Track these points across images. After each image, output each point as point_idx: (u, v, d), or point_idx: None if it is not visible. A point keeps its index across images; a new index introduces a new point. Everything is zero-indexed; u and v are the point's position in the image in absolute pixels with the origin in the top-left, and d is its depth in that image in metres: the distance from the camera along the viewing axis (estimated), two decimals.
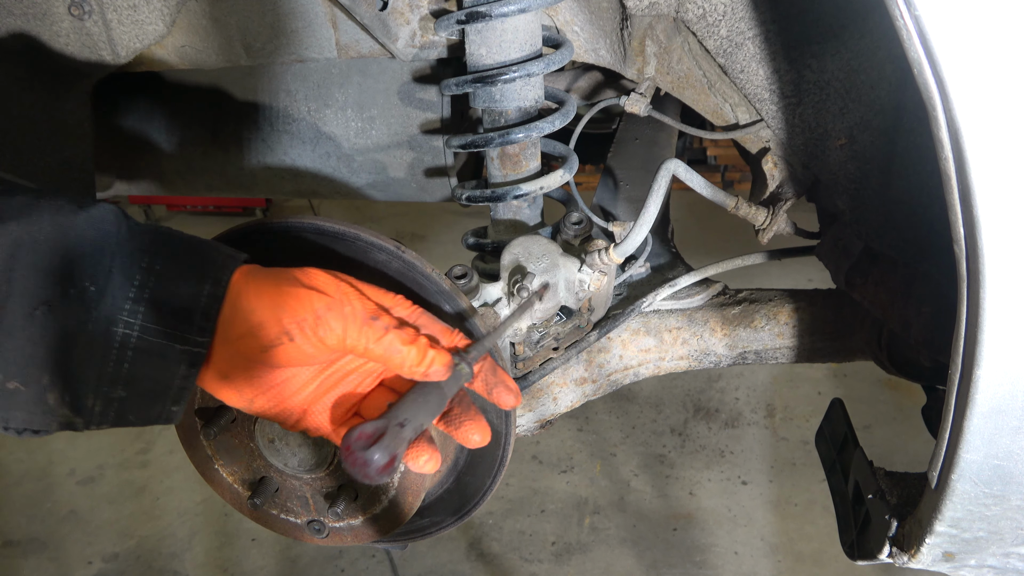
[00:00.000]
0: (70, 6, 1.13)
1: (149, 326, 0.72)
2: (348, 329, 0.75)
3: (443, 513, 1.12)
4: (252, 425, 0.98)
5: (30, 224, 0.69)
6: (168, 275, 0.73)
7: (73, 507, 3.38)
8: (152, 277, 0.73)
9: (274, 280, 0.76)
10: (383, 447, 0.69)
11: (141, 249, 0.74)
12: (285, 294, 0.75)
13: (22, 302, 0.68)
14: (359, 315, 0.76)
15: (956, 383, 0.80)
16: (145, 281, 0.73)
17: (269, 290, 0.75)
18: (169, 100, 1.65)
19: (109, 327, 0.71)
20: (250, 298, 0.75)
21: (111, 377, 0.72)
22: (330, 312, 0.75)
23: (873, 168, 1.07)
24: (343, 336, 0.75)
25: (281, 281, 0.76)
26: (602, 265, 1.09)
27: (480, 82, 1.12)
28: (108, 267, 0.71)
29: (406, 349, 0.77)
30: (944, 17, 0.63)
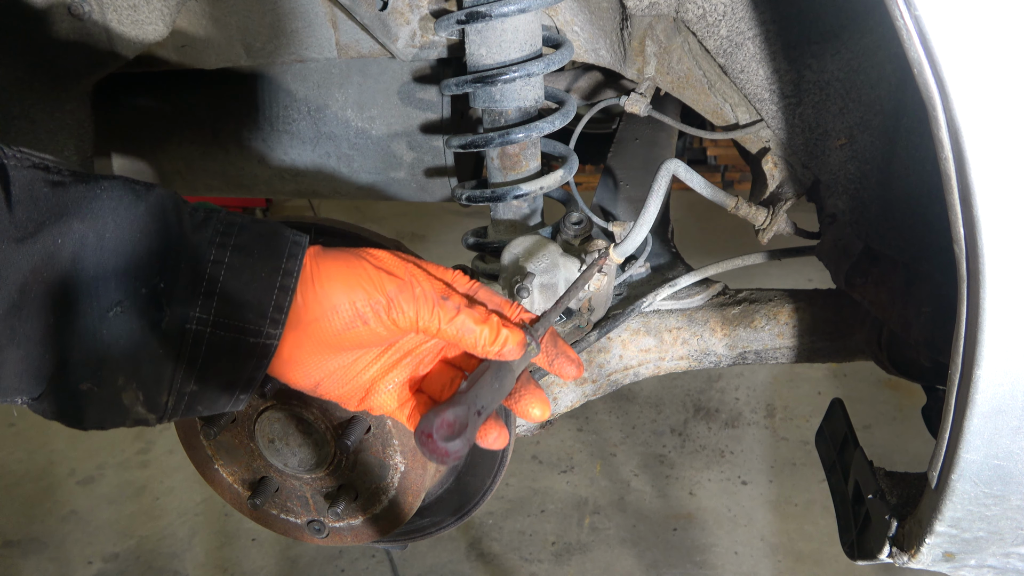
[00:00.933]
0: (70, 6, 1.13)
1: (221, 320, 0.71)
2: (420, 311, 0.74)
3: (443, 513, 1.12)
4: (252, 425, 0.98)
5: (93, 220, 0.67)
6: (237, 267, 0.72)
7: (73, 507, 3.38)
8: (221, 270, 0.71)
9: (343, 262, 0.75)
10: (465, 437, 0.69)
11: (207, 240, 0.72)
12: (357, 276, 0.74)
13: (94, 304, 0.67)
14: (429, 296, 0.75)
15: (956, 383, 0.80)
16: (215, 274, 0.71)
17: (340, 273, 0.74)
18: (169, 100, 1.65)
19: (182, 324, 0.70)
20: (321, 282, 0.74)
21: (184, 374, 0.72)
22: (402, 294, 0.74)
23: (873, 168, 1.07)
24: (415, 318, 0.74)
25: (351, 263, 0.75)
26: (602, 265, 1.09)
27: (480, 82, 1.12)
28: (176, 261, 0.70)
29: (479, 328, 0.75)
30: (944, 17, 0.63)
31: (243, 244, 0.73)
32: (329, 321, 0.74)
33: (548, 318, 0.81)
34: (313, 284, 0.74)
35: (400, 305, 0.74)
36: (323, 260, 0.75)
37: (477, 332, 0.75)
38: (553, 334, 0.83)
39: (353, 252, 0.77)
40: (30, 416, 3.70)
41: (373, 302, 0.73)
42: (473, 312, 0.76)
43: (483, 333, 0.76)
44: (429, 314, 0.74)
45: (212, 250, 0.71)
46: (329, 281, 0.74)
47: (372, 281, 0.74)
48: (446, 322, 0.75)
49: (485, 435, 0.77)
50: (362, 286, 0.74)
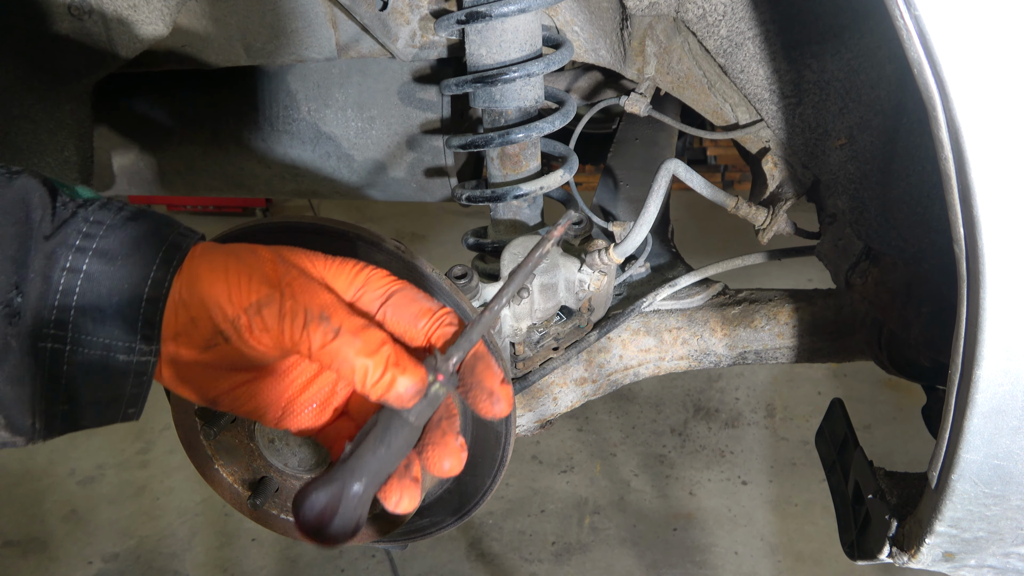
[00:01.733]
0: (70, 6, 1.13)
1: (82, 338, 0.62)
2: (286, 330, 0.62)
3: (443, 513, 1.12)
4: (252, 425, 0.98)
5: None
6: (96, 276, 0.62)
7: (73, 507, 3.38)
8: (77, 280, 0.62)
9: (211, 265, 0.64)
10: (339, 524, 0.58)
11: (67, 244, 0.62)
12: (218, 284, 0.63)
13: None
14: (301, 312, 0.62)
15: (956, 383, 0.80)
16: (71, 286, 0.61)
17: (203, 278, 0.63)
18: (169, 100, 1.65)
19: (36, 342, 0.61)
20: (183, 289, 0.63)
21: (47, 396, 0.63)
22: (266, 308, 0.62)
23: (873, 168, 1.07)
24: (280, 338, 0.62)
25: (218, 266, 0.64)
26: (602, 265, 1.09)
27: (480, 82, 1.12)
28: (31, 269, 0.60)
29: (358, 362, 0.61)
30: (944, 17, 0.63)
31: (107, 249, 0.63)
32: (190, 336, 0.64)
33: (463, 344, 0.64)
34: (179, 291, 0.64)
35: (262, 322, 0.62)
36: (196, 263, 0.65)
37: (356, 366, 0.61)
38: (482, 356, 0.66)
39: (232, 252, 0.65)
40: None
41: (232, 317, 0.62)
42: (356, 340, 0.61)
43: (362, 368, 0.61)
44: (298, 334, 0.61)
45: (70, 256, 0.62)
46: (189, 289, 0.63)
47: (233, 291, 0.62)
48: (317, 347, 0.61)
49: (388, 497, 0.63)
50: (221, 297, 0.62)
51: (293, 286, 0.63)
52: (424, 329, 0.67)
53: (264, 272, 0.64)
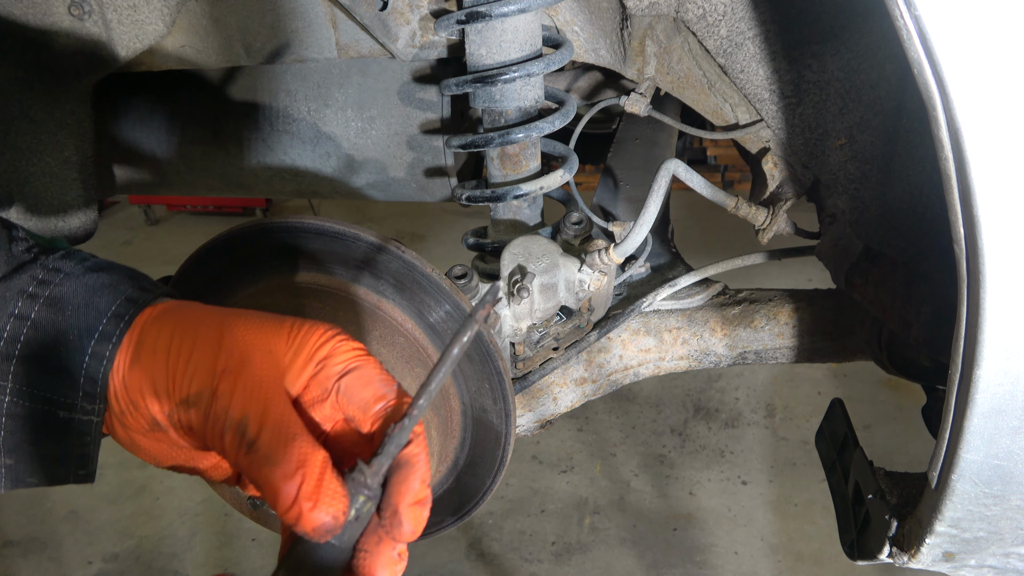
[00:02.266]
0: (70, 6, 1.13)
1: (23, 389, 0.59)
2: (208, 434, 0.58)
3: (443, 513, 1.12)
4: None
5: None
6: (46, 326, 0.59)
7: (73, 507, 3.38)
8: (26, 327, 0.59)
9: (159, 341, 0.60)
10: None
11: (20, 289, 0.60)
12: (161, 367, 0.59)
13: None
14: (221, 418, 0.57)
15: (956, 383, 0.80)
16: (16, 333, 0.59)
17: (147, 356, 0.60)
18: (169, 100, 1.65)
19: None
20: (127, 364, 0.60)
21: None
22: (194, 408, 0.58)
23: (873, 168, 1.07)
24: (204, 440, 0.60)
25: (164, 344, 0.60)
26: (602, 265, 1.09)
27: (480, 82, 1.12)
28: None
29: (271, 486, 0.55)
30: (944, 17, 0.63)
31: (59, 297, 0.60)
32: (133, 416, 0.61)
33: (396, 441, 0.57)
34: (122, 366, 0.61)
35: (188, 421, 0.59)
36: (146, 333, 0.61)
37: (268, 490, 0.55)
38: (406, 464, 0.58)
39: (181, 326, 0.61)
40: None
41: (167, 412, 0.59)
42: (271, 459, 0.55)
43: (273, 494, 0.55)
44: (216, 442, 0.58)
45: (20, 301, 0.59)
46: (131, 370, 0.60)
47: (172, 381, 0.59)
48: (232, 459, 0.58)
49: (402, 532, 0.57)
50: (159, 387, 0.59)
51: (225, 379, 0.58)
52: (376, 414, 0.62)
53: (205, 360, 0.59)
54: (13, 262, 0.61)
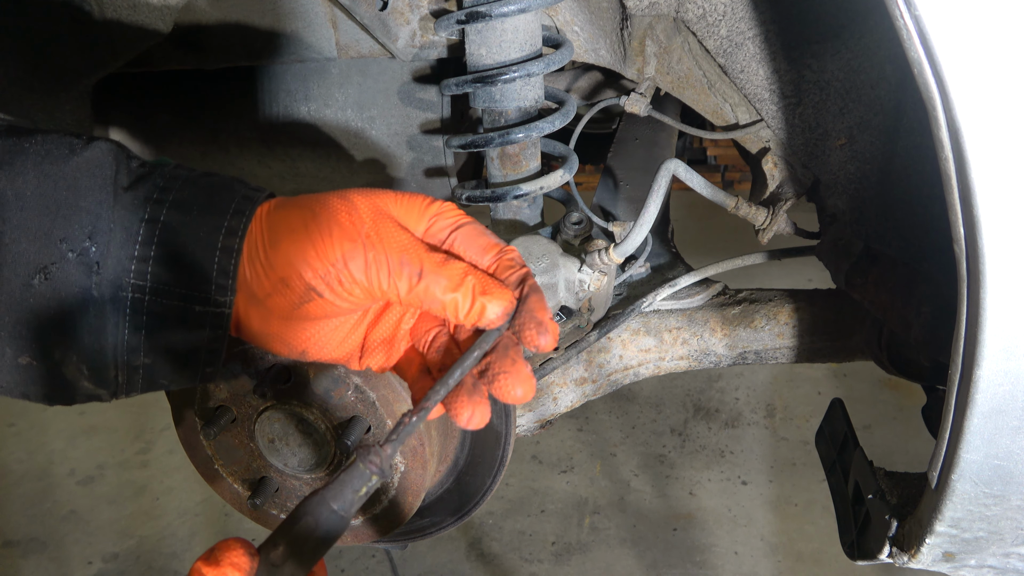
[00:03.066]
0: (70, 6, 1.14)
1: (161, 287, 0.64)
2: (374, 279, 0.64)
3: (443, 513, 1.12)
4: (252, 425, 0.98)
5: (14, 176, 0.60)
6: (177, 226, 0.64)
7: (73, 507, 3.38)
8: (158, 230, 0.63)
9: (289, 224, 0.65)
10: None
11: (145, 197, 0.64)
12: (302, 243, 0.64)
13: (16, 270, 0.61)
14: (384, 261, 0.64)
15: (956, 383, 0.80)
16: (150, 236, 0.63)
17: (285, 239, 0.65)
18: (169, 100, 1.65)
19: (117, 291, 0.63)
20: (267, 251, 0.65)
21: (129, 346, 0.65)
22: (352, 262, 0.63)
23: (873, 168, 1.07)
24: (370, 287, 0.64)
25: (297, 225, 0.65)
26: (602, 265, 1.09)
27: (480, 82, 1.12)
28: (109, 221, 0.62)
29: (447, 298, 0.64)
30: (944, 17, 0.63)
31: (183, 200, 0.65)
32: (283, 295, 0.65)
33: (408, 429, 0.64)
34: (259, 254, 0.65)
35: (350, 275, 0.64)
36: (274, 220, 0.66)
37: (446, 302, 0.64)
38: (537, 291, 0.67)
39: (304, 207, 0.66)
40: (30, 416, 3.70)
41: (322, 273, 0.63)
42: (440, 278, 0.64)
43: (452, 303, 0.64)
44: (386, 283, 0.64)
45: (148, 207, 0.64)
46: (274, 251, 0.65)
47: (319, 248, 0.63)
48: (406, 292, 0.64)
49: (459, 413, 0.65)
50: (308, 255, 0.64)
51: (372, 235, 0.64)
52: (489, 262, 0.68)
53: (341, 225, 0.64)
54: (134, 174, 0.65)
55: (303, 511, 0.59)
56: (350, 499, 0.60)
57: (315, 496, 0.60)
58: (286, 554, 0.58)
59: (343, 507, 0.60)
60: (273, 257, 0.65)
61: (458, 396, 0.65)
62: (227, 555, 0.57)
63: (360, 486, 0.61)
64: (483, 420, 0.65)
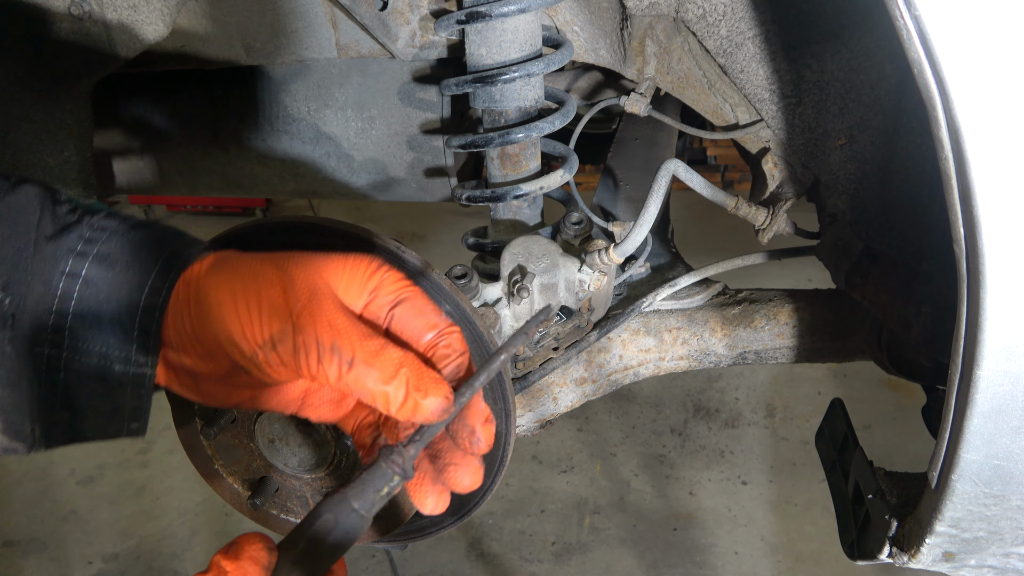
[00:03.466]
0: (70, 6, 1.13)
1: (79, 345, 0.61)
2: (303, 364, 0.61)
3: (443, 513, 1.12)
4: (252, 425, 0.98)
5: None
6: (98, 282, 0.61)
7: (73, 507, 3.38)
8: (76, 284, 0.61)
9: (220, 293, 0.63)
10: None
11: (68, 248, 0.61)
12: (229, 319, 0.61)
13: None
14: (313, 346, 0.61)
15: (956, 383, 0.80)
16: (69, 290, 0.61)
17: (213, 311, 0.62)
18: (169, 100, 1.65)
19: (32, 346, 0.60)
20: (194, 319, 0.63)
21: (45, 402, 0.62)
22: (280, 345, 0.61)
23: (873, 168, 1.07)
24: (298, 371, 0.62)
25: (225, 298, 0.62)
26: (602, 265, 1.09)
27: (480, 82, 1.12)
28: (26, 272, 0.59)
29: (377, 390, 0.61)
30: (944, 17, 0.63)
31: (107, 254, 0.62)
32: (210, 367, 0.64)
33: (430, 431, 0.64)
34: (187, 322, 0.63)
35: (277, 358, 0.61)
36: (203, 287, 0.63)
37: (376, 394, 0.61)
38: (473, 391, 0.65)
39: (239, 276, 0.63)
40: None
41: (249, 353, 0.61)
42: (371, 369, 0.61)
43: (382, 396, 0.61)
44: (315, 369, 0.61)
45: (69, 260, 0.61)
46: (200, 322, 0.62)
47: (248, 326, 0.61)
48: (335, 379, 0.61)
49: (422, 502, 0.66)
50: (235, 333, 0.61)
51: (303, 315, 0.61)
52: (429, 343, 0.66)
53: (272, 301, 0.62)
54: (59, 223, 0.62)
55: (324, 509, 0.60)
56: (371, 499, 0.61)
57: (336, 495, 0.61)
58: (306, 552, 0.58)
59: (364, 507, 0.60)
60: (199, 330, 0.62)
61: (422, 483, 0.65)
62: (247, 549, 0.57)
63: (382, 486, 0.61)
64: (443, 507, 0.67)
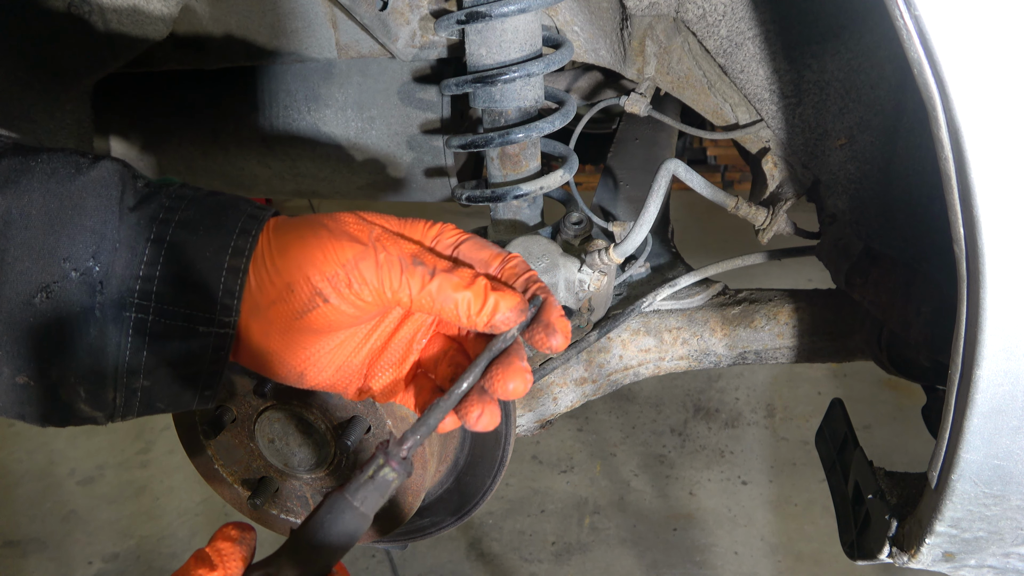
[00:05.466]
0: (70, 6, 1.13)
1: (165, 307, 0.64)
2: (385, 280, 0.63)
3: (443, 513, 1.12)
4: (252, 425, 0.98)
5: (19, 194, 0.60)
6: (182, 246, 0.64)
7: (73, 507, 3.38)
8: (164, 250, 0.63)
9: (298, 233, 0.65)
10: None
11: (151, 216, 0.64)
12: (311, 247, 0.64)
13: (18, 288, 0.60)
14: (396, 261, 0.64)
15: (956, 383, 0.80)
16: (155, 255, 0.63)
17: (294, 245, 0.65)
18: (169, 100, 1.65)
19: (120, 311, 0.63)
20: (274, 258, 0.65)
21: (129, 368, 0.64)
22: (363, 263, 0.63)
23: (873, 168, 1.07)
24: (381, 288, 0.64)
25: (306, 233, 0.65)
26: (602, 265, 1.09)
27: (480, 82, 1.12)
28: (113, 240, 0.62)
29: (459, 296, 0.64)
30: (944, 17, 0.63)
31: (189, 220, 0.64)
32: (287, 303, 0.64)
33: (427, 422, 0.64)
34: (266, 262, 0.65)
35: (361, 276, 0.63)
36: (280, 234, 0.66)
37: (459, 300, 0.64)
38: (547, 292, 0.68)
39: (312, 220, 0.67)
40: None
41: (330, 275, 0.63)
42: (452, 277, 0.64)
43: (465, 301, 0.64)
44: (397, 282, 0.63)
45: (153, 227, 0.64)
46: (281, 257, 0.64)
47: (328, 251, 0.63)
48: (417, 291, 0.64)
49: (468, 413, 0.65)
50: (315, 257, 0.63)
51: (381, 240, 0.65)
52: (494, 271, 0.69)
53: (350, 232, 0.65)
54: (140, 194, 0.65)
55: (324, 510, 0.60)
56: (372, 498, 0.61)
57: (336, 494, 0.60)
58: (306, 553, 0.58)
59: (364, 505, 0.60)
60: (280, 263, 0.64)
61: (468, 397, 0.65)
62: (221, 532, 0.60)
63: (381, 484, 0.61)
64: (492, 422, 0.65)
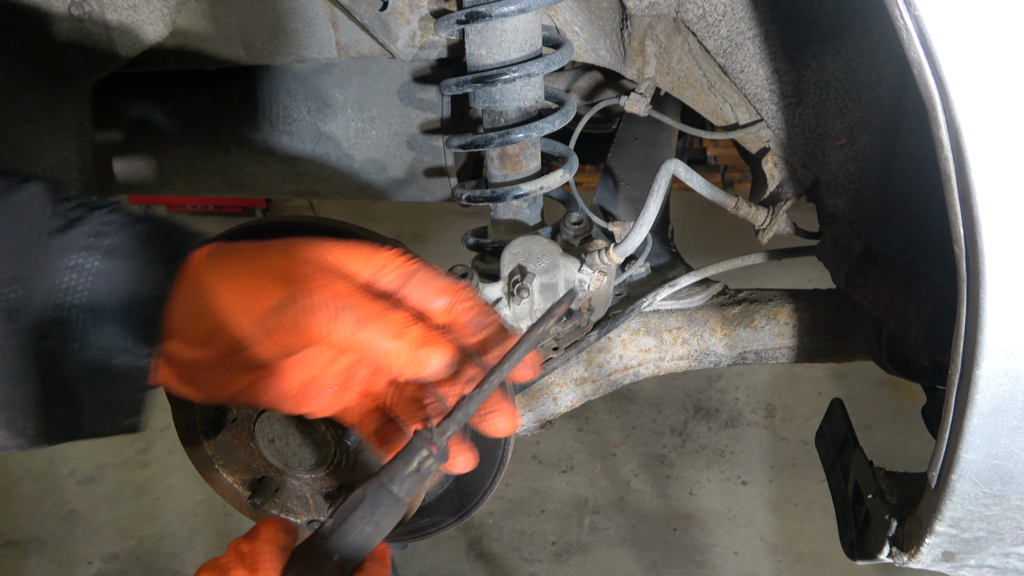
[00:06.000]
0: (70, 6, 1.13)
1: (83, 337, 0.62)
2: (312, 327, 0.61)
3: (443, 513, 1.12)
4: (252, 425, 0.98)
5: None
6: (104, 273, 0.62)
7: (73, 507, 3.38)
8: (84, 277, 0.62)
9: (226, 270, 0.64)
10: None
11: (74, 243, 0.62)
12: (235, 292, 0.62)
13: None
14: (324, 305, 0.61)
15: (956, 383, 0.80)
16: (75, 284, 0.62)
17: (219, 284, 0.63)
18: (169, 100, 1.65)
19: (35, 341, 0.61)
20: (198, 298, 0.63)
21: (47, 397, 0.63)
22: (288, 308, 0.61)
23: (873, 168, 1.07)
24: (305, 336, 0.62)
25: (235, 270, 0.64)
26: (602, 265, 1.09)
27: (480, 82, 1.12)
28: (32, 266, 0.61)
29: (390, 346, 0.62)
30: (944, 17, 0.63)
31: (115, 247, 0.63)
32: (217, 342, 0.63)
33: (465, 409, 0.63)
34: (190, 303, 0.63)
35: (284, 323, 0.61)
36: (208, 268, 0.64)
37: (389, 350, 0.62)
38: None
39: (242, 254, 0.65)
40: None
41: (253, 322, 0.62)
42: (383, 325, 0.62)
43: (395, 351, 0.62)
44: (325, 329, 0.61)
45: (75, 254, 0.62)
46: (204, 299, 0.63)
47: (252, 298, 0.62)
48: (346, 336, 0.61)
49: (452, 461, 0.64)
50: (243, 301, 0.62)
51: (309, 281, 0.62)
52: (444, 307, 0.68)
53: (276, 271, 0.63)
54: (66, 218, 0.63)
55: (361, 495, 0.59)
56: (408, 482, 0.60)
57: (372, 479, 0.59)
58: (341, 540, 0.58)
59: (401, 490, 0.59)
60: (202, 307, 0.63)
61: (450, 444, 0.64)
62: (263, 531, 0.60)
63: (425, 474, 0.60)
64: (471, 465, 0.66)
